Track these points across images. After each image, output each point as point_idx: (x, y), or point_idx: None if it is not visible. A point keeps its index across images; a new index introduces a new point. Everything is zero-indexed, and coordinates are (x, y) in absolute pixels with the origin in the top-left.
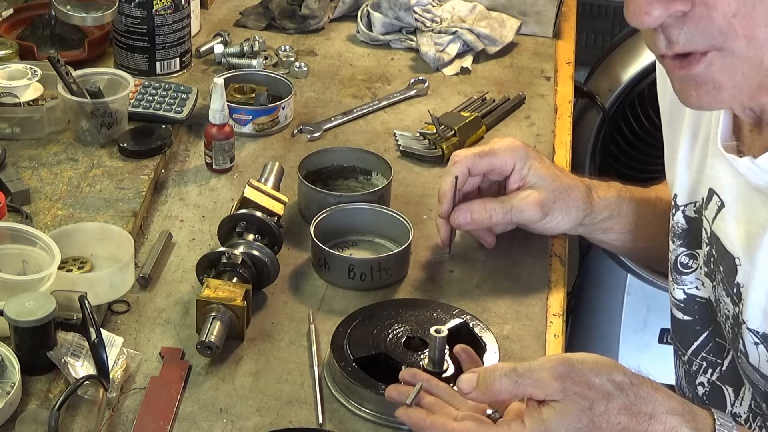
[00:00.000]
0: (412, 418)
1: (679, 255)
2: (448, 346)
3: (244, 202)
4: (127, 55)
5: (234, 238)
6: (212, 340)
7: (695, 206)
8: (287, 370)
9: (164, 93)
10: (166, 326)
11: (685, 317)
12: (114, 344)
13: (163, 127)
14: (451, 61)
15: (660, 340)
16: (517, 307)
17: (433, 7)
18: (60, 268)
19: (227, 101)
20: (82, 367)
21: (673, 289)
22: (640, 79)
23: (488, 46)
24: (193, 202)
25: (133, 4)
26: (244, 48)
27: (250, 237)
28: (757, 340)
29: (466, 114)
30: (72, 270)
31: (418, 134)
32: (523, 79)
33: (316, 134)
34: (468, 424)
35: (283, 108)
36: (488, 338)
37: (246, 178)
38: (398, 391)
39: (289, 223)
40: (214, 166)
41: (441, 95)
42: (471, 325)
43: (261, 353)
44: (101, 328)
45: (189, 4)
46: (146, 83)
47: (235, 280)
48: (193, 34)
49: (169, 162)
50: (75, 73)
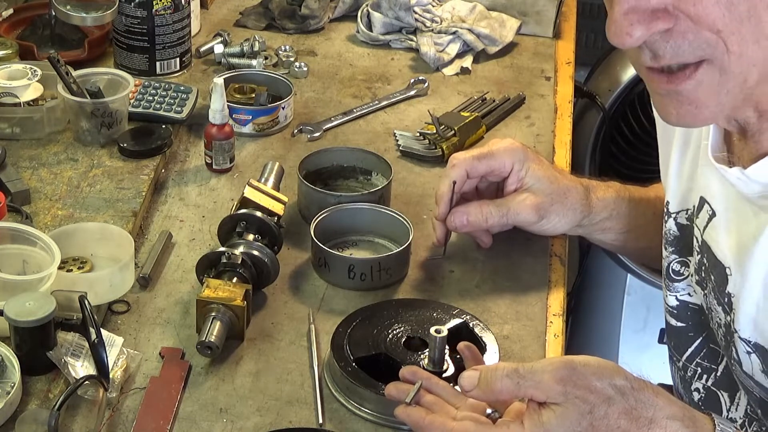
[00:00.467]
0: (411, 417)
1: (671, 262)
2: (448, 346)
3: (244, 202)
4: (127, 55)
5: (234, 238)
6: (212, 340)
7: (687, 213)
8: (287, 370)
9: (164, 93)
10: (166, 326)
11: (679, 323)
12: (114, 344)
13: (163, 127)
14: (451, 61)
15: (660, 340)
16: (517, 307)
17: (433, 7)
18: (60, 268)
19: (227, 101)
20: (82, 367)
21: (666, 296)
22: (640, 79)
23: (488, 46)
24: (193, 202)
25: (133, 4)
26: (244, 48)
27: (250, 237)
28: (750, 349)
29: (466, 114)
30: (72, 270)
31: (418, 134)
32: (523, 79)
33: (316, 134)
34: (467, 424)
35: (283, 108)
36: (488, 338)
37: (246, 178)
38: (398, 389)
39: (289, 223)
40: (214, 166)
41: (441, 95)
42: (471, 325)
43: (261, 353)
44: (101, 328)
45: (189, 4)
46: (146, 83)
47: (235, 280)
48: (193, 34)
49: (169, 162)
50: (75, 73)
